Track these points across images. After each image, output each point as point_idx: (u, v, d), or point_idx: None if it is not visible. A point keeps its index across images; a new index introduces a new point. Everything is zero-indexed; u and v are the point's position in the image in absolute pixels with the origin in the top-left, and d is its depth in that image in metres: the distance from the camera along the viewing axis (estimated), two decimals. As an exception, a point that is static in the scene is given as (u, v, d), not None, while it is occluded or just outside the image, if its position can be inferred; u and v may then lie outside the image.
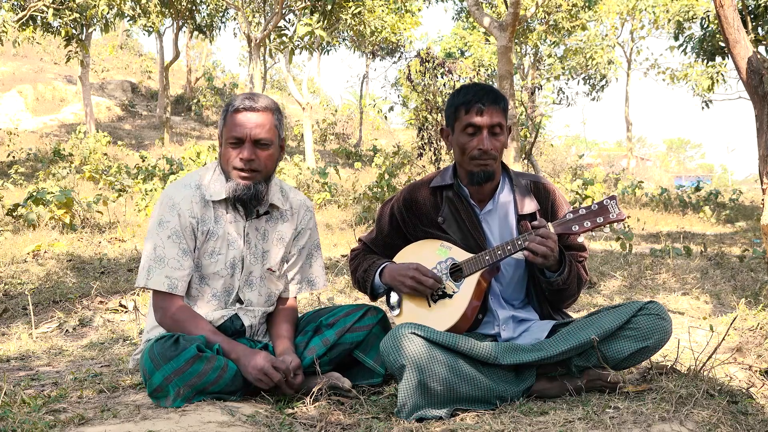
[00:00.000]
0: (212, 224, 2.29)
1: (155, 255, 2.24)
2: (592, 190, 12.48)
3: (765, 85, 4.09)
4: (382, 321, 2.43)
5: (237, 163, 2.23)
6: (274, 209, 2.39)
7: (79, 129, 18.51)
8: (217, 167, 2.34)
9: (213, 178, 2.32)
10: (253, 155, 2.23)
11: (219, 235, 2.29)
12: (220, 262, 2.30)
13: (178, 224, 2.24)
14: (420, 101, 13.82)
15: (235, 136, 2.22)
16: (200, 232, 2.28)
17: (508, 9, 9.87)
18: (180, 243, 2.24)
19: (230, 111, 2.25)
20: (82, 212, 8.25)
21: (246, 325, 2.36)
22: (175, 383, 2.04)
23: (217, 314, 2.32)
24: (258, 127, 2.22)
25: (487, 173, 2.28)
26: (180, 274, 2.24)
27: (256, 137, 2.22)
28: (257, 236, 2.36)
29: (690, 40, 15.37)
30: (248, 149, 2.23)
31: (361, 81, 28.13)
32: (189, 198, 2.27)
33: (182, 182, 2.33)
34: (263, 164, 2.26)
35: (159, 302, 2.26)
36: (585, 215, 2.14)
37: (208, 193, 2.29)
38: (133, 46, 36.48)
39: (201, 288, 2.31)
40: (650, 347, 2.16)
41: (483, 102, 2.24)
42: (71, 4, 15.34)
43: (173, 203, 2.26)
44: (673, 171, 52.75)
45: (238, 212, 2.32)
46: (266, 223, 2.38)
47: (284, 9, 16.02)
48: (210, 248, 2.29)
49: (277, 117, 2.29)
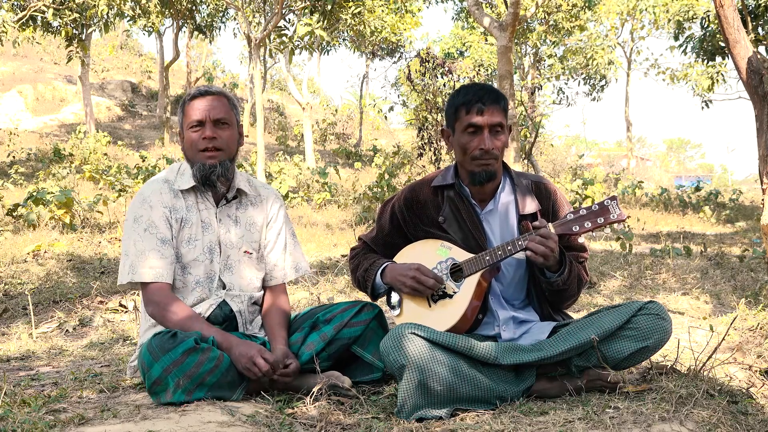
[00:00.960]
0: (185, 212, 2.37)
1: (136, 250, 2.30)
2: (592, 190, 12.48)
3: (765, 85, 4.09)
4: (378, 316, 2.45)
5: (201, 143, 2.33)
6: (243, 195, 2.47)
7: (79, 129, 18.50)
8: (184, 162, 2.43)
9: (180, 171, 2.41)
10: (215, 134, 2.33)
11: (193, 222, 2.37)
12: (198, 248, 2.36)
13: (151, 215, 2.32)
14: (420, 101, 13.82)
15: (195, 119, 2.33)
16: (174, 220, 2.34)
17: (508, 9, 9.87)
18: (157, 233, 2.31)
19: (186, 101, 2.39)
20: (82, 212, 8.25)
21: (235, 310, 2.39)
22: (174, 374, 2.07)
23: (205, 305, 2.36)
24: (215, 108, 2.34)
25: (488, 173, 2.28)
26: (163, 263, 2.30)
27: (215, 117, 2.33)
28: (230, 222, 2.43)
29: (690, 40, 15.37)
30: (209, 128, 2.33)
31: (361, 81, 28.14)
32: (158, 190, 2.36)
33: (150, 180, 2.44)
34: (225, 142, 2.35)
35: (148, 295, 2.30)
36: (586, 215, 2.14)
37: (177, 184, 2.38)
38: (133, 46, 36.48)
39: (184, 278, 2.36)
40: (650, 347, 2.16)
41: (483, 101, 2.24)
42: (71, 4, 15.33)
43: (143, 198, 2.35)
44: (673, 171, 52.75)
45: (207, 200, 2.40)
46: (237, 210, 2.46)
47: (284, 9, 16.02)
48: (186, 235, 2.36)
49: (231, 102, 2.41)
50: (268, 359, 2.16)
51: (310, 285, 4.83)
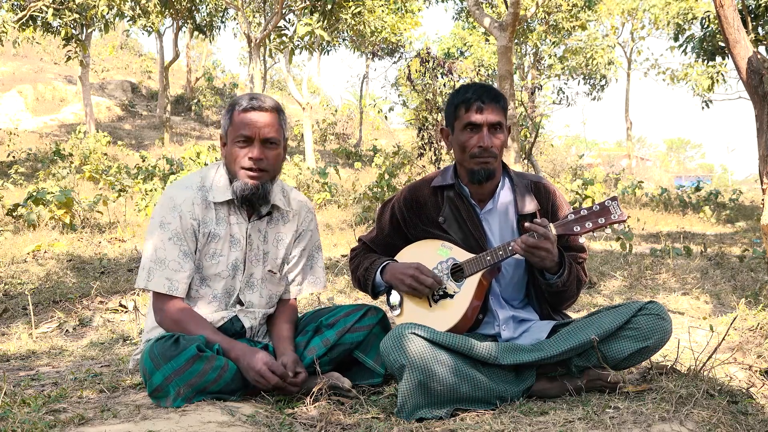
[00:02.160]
0: (214, 226, 2.28)
1: (156, 257, 2.23)
2: (592, 190, 12.47)
3: (765, 85, 4.09)
4: (382, 321, 2.43)
5: (246, 162, 2.22)
6: (276, 210, 2.38)
7: (79, 129, 18.50)
8: (221, 168, 2.32)
9: (216, 179, 2.30)
10: (263, 155, 2.22)
11: (221, 237, 2.28)
12: (222, 264, 2.29)
13: (179, 226, 2.23)
14: (420, 101, 13.81)
15: (244, 134, 2.21)
16: (201, 234, 2.27)
17: (508, 9, 9.87)
18: (181, 245, 2.24)
19: (237, 110, 2.24)
20: (82, 212, 8.25)
21: (246, 327, 2.36)
22: (175, 383, 2.04)
23: (217, 316, 2.32)
24: (267, 127, 2.22)
25: (487, 171, 2.28)
26: (180, 276, 2.24)
27: (265, 136, 2.22)
28: (259, 238, 2.35)
29: (690, 41, 15.36)
30: (258, 148, 2.22)
31: (361, 81, 28.13)
32: (191, 199, 2.26)
33: (184, 183, 2.31)
34: (271, 164, 2.25)
35: (159, 304, 2.26)
36: (586, 216, 2.14)
37: (211, 195, 2.28)
38: (133, 46, 36.48)
39: (201, 289, 2.30)
40: (650, 347, 2.16)
41: (482, 100, 2.24)
42: (71, 4, 15.33)
43: (174, 204, 2.25)
44: (673, 171, 52.75)
45: (240, 214, 2.31)
46: (267, 225, 2.37)
47: (284, 9, 16.02)
48: (211, 250, 2.28)
49: (282, 117, 2.30)
50: (277, 371, 2.12)
51: (310, 285, 4.83)
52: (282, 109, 2.31)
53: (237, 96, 2.37)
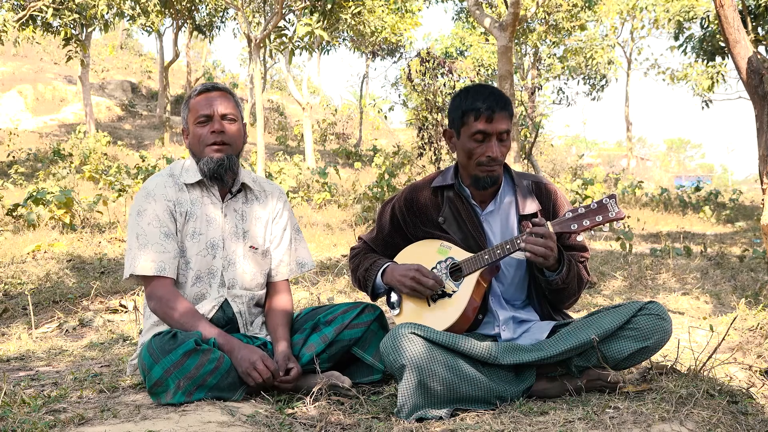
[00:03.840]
0: (189, 206, 2.37)
1: (138, 243, 2.30)
2: (592, 190, 12.48)
3: (765, 85, 4.09)
4: (379, 318, 2.44)
5: (209, 138, 2.33)
6: (248, 190, 2.48)
7: (79, 129, 18.51)
8: (187, 159, 2.44)
9: (185, 165, 2.42)
10: (223, 128, 2.34)
11: (197, 216, 2.37)
12: (201, 243, 2.36)
13: (155, 209, 2.32)
14: (420, 101, 13.81)
15: (203, 113, 2.34)
16: (178, 214, 2.35)
17: (508, 9, 9.87)
18: (161, 227, 2.31)
19: (192, 96, 2.40)
20: (82, 212, 8.25)
21: (235, 312, 2.39)
22: (174, 375, 2.07)
23: (207, 306, 2.35)
24: (222, 104, 2.36)
25: (493, 178, 2.29)
26: (166, 257, 2.29)
27: (222, 112, 2.35)
28: (236, 216, 2.43)
29: (690, 40, 15.37)
30: (217, 122, 2.34)
31: (361, 81, 28.13)
32: (162, 184, 2.37)
33: (154, 175, 2.43)
34: (232, 137, 2.36)
35: (150, 289, 2.30)
36: (584, 214, 2.14)
37: (182, 178, 2.38)
38: (133, 46, 36.49)
39: (186, 272, 2.35)
40: (650, 347, 2.16)
41: (493, 109, 2.22)
42: (71, 4, 15.33)
43: (147, 192, 2.35)
44: (673, 171, 52.77)
45: (213, 195, 2.40)
46: (243, 205, 2.46)
47: (284, 9, 16.01)
48: (191, 229, 2.36)
49: (236, 98, 2.43)
50: (269, 366, 2.15)
51: (310, 285, 4.83)
52: (232, 91, 2.45)
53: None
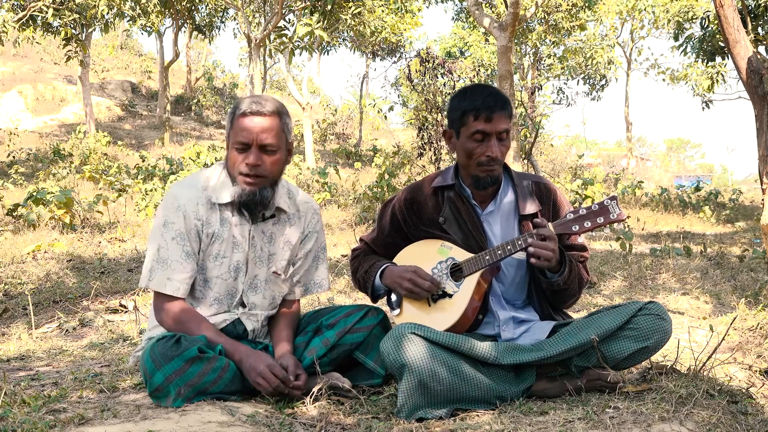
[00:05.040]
0: (217, 227, 2.27)
1: (159, 256, 2.23)
2: (592, 190, 12.46)
3: (765, 85, 4.09)
4: (382, 322, 2.42)
5: (242, 168, 2.20)
6: (281, 212, 2.37)
7: (79, 129, 18.50)
8: (224, 169, 2.31)
9: (220, 180, 2.29)
10: (259, 161, 2.20)
11: (224, 238, 2.27)
12: (224, 266, 2.29)
13: (183, 226, 2.23)
14: (420, 101, 13.81)
15: (241, 141, 2.20)
16: (205, 235, 2.26)
17: (508, 9, 9.87)
18: (184, 246, 2.23)
19: (237, 114, 2.22)
20: (82, 212, 8.25)
21: (248, 329, 2.36)
22: (176, 383, 2.04)
23: (219, 318, 2.31)
24: (264, 132, 2.19)
25: (493, 178, 2.29)
26: (182, 277, 2.23)
27: (262, 142, 2.19)
28: (263, 239, 2.34)
29: (690, 41, 15.36)
30: (254, 155, 2.19)
31: (361, 81, 28.11)
32: (195, 200, 2.25)
33: (188, 182, 2.30)
34: (269, 170, 2.23)
35: (160, 303, 2.26)
36: (585, 215, 2.14)
37: (215, 196, 2.26)
38: (133, 46, 36.48)
39: (204, 291, 2.30)
40: (650, 347, 2.16)
41: (492, 109, 2.22)
42: (71, 4, 15.33)
43: (178, 204, 2.24)
44: (673, 171, 52.76)
45: (243, 216, 2.30)
46: (273, 227, 2.36)
47: (284, 9, 16.02)
48: (215, 251, 2.27)
49: (284, 120, 2.25)
50: (278, 375, 2.11)
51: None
52: (284, 111, 2.27)
53: (241, 98, 2.34)
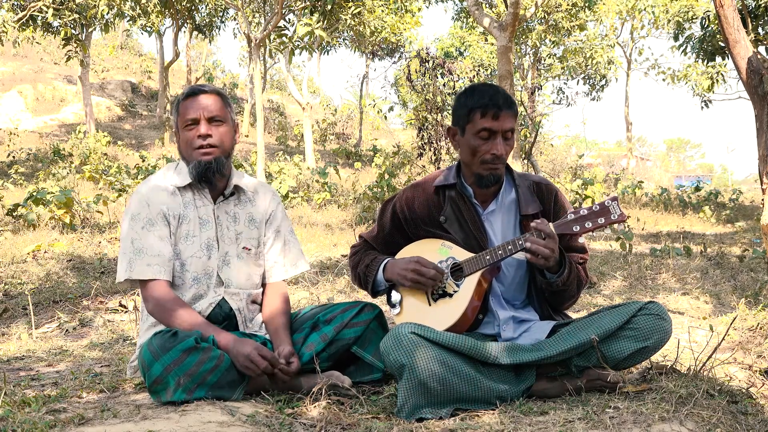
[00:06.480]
0: (182, 209, 2.38)
1: (133, 248, 2.32)
2: (592, 190, 12.46)
3: (765, 85, 4.09)
4: (378, 317, 2.45)
5: (196, 141, 2.34)
6: (240, 192, 2.48)
7: (79, 129, 18.50)
8: (179, 162, 2.45)
9: (176, 169, 2.44)
10: (210, 131, 2.35)
11: (190, 218, 2.38)
12: (195, 244, 2.38)
13: (148, 213, 2.34)
14: (420, 101, 13.81)
15: (190, 117, 2.35)
16: (172, 217, 2.36)
17: (508, 9, 9.87)
18: (154, 230, 2.33)
19: (180, 101, 2.40)
20: (82, 212, 8.25)
21: (234, 308, 2.40)
22: (174, 373, 2.08)
23: (204, 303, 2.37)
24: (209, 106, 2.36)
25: (496, 176, 2.29)
26: (161, 260, 2.31)
27: (209, 114, 2.35)
28: (228, 219, 2.45)
29: (690, 41, 15.36)
30: (204, 125, 2.34)
31: (361, 81, 28.10)
32: (155, 188, 2.38)
33: (147, 180, 2.45)
34: (220, 139, 2.36)
35: (146, 292, 2.32)
36: (586, 216, 2.14)
37: (174, 182, 2.39)
38: (133, 46, 36.48)
39: (182, 274, 2.37)
40: (650, 347, 2.17)
41: (499, 107, 2.22)
42: (71, 4, 15.32)
43: (141, 196, 2.37)
44: (673, 171, 52.80)
45: (204, 197, 2.41)
46: (235, 207, 2.47)
47: (284, 9, 16.01)
48: (184, 232, 2.37)
49: (225, 99, 2.42)
50: (266, 356, 2.17)
51: (310, 285, 4.83)
52: (223, 92, 2.44)
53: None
